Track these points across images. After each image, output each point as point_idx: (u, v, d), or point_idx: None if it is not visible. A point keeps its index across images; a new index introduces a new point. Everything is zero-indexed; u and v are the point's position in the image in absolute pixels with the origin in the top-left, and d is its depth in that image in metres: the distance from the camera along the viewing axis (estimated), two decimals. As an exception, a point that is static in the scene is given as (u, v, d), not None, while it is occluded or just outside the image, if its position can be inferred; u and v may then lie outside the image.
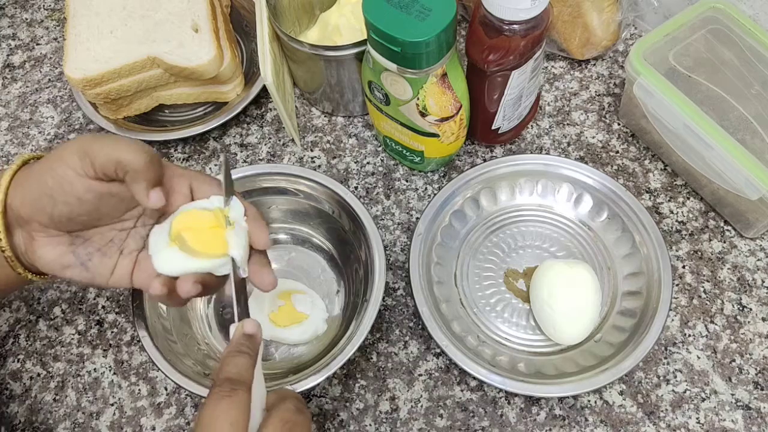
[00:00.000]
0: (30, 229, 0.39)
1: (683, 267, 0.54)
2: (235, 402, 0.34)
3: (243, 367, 0.36)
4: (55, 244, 0.39)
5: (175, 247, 0.39)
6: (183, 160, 0.62)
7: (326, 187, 0.52)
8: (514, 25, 0.46)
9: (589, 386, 0.45)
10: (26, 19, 0.72)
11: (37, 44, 0.70)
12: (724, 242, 0.55)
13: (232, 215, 0.40)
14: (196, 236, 0.39)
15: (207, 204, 0.40)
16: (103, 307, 0.55)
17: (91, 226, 0.40)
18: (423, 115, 0.50)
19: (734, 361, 0.50)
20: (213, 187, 0.41)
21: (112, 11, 0.59)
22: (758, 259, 0.54)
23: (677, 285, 0.53)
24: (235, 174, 0.53)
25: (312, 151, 0.61)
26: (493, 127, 0.56)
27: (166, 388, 0.52)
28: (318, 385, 0.47)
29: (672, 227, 0.56)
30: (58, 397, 0.52)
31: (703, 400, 0.49)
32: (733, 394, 0.49)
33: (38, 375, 0.53)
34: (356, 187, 0.59)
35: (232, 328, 0.38)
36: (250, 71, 0.65)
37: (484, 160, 0.59)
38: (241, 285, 0.40)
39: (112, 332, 0.54)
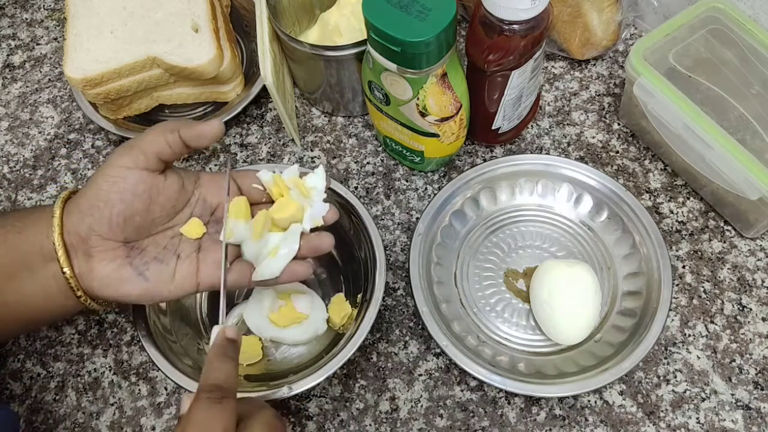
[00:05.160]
0: (88, 247, 0.40)
1: (683, 267, 0.54)
2: (225, 409, 0.35)
3: (229, 374, 0.37)
4: (112, 257, 0.41)
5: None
6: (183, 160, 0.62)
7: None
8: (514, 25, 0.46)
9: (589, 386, 0.45)
10: (26, 19, 0.72)
11: (37, 44, 0.70)
12: (724, 242, 0.55)
13: (310, 183, 0.44)
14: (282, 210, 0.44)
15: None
16: (103, 307, 0.55)
17: (146, 234, 0.42)
18: (423, 115, 0.50)
19: (734, 361, 0.50)
20: (251, 173, 0.45)
21: (112, 11, 0.59)
22: (758, 259, 0.54)
23: (677, 285, 0.53)
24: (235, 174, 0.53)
25: (312, 151, 0.61)
26: (493, 127, 0.56)
27: (166, 388, 0.52)
28: (318, 385, 0.47)
29: (672, 227, 0.56)
30: (58, 397, 0.52)
31: (703, 400, 0.49)
32: (733, 394, 0.49)
33: (38, 375, 0.53)
34: (356, 187, 0.59)
35: (215, 330, 0.39)
36: (250, 71, 0.65)
37: (484, 160, 0.59)
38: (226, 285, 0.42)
39: (112, 332, 0.54)
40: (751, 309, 0.52)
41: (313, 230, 0.44)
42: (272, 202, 0.45)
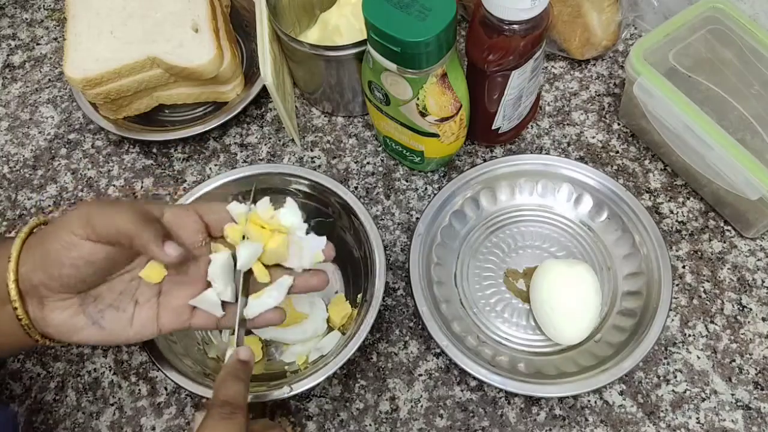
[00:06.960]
0: (40, 295, 0.39)
1: (683, 267, 0.54)
2: (233, 424, 0.36)
3: (239, 392, 0.38)
4: (64, 307, 0.39)
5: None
6: (183, 160, 0.62)
7: (326, 187, 0.52)
8: (514, 25, 0.46)
9: (589, 386, 0.45)
10: (26, 19, 0.72)
11: (37, 44, 0.70)
12: (724, 242, 0.55)
13: (286, 221, 0.42)
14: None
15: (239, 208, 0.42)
16: (103, 307, 0.55)
17: (100, 282, 0.40)
18: (423, 115, 0.50)
19: (734, 361, 0.50)
20: (220, 206, 0.42)
21: (112, 11, 0.59)
22: (758, 259, 0.54)
23: (677, 285, 0.53)
24: (235, 174, 0.53)
25: (312, 151, 0.61)
26: (493, 127, 0.56)
27: (166, 388, 0.52)
28: (318, 385, 0.47)
29: (672, 227, 0.56)
30: (58, 397, 0.52)
31: (703, 400, 0.49)
32: (733, 394, 0.49)
33: (38, 375, 0.53)
34: (356, 187, 0.59)
35: (229, 352, 0.40)
36: (250, 71, 0.65)
37: (484, 160, 0.59)
38: (243, 311, 0.41)
39: (112, 332, 0.54)
40: (751, 309, 0.52)
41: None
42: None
